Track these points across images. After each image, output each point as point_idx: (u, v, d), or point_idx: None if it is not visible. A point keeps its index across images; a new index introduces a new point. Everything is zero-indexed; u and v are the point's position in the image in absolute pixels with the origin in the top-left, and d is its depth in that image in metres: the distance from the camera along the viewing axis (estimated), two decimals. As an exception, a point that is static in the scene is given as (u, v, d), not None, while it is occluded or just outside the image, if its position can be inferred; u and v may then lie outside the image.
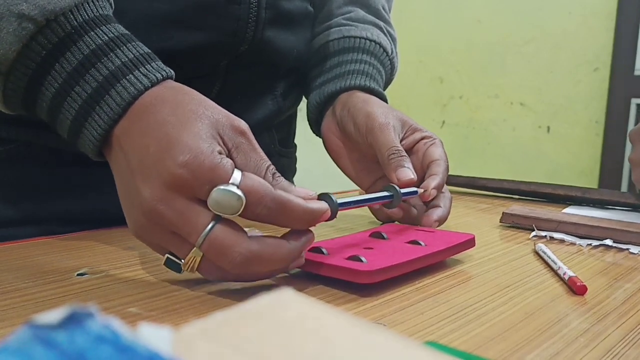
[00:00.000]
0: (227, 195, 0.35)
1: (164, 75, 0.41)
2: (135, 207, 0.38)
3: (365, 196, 0.49)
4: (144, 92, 0.40)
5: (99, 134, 0.40)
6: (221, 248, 0.36)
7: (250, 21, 0.58)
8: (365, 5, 0.73)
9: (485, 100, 2.30)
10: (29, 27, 0.39)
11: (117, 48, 0.41)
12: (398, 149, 0.57)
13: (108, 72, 0.40)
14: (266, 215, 0.37)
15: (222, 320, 0.18)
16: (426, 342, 0.26)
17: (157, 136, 0.37)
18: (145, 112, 0.39)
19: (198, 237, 0.36)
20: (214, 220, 0.36)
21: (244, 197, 0.35)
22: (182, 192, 0.36)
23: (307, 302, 0.19)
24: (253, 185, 0.36)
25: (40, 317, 0.15)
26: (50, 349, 0.14)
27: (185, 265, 0.38)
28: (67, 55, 0.40)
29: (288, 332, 0.17)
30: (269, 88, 0.68)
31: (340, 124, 0.63)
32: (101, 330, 0.15)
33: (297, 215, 0.38)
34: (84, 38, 0.41)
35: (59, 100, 0.41)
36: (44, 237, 0.52)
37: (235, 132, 0.39)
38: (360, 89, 0.65)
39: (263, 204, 0.36)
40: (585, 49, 2.09)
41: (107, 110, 0.40)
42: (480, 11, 2.27)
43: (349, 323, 0.18)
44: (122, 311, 0.36)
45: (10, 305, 0.36)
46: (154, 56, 0.42)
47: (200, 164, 0.36)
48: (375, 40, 0.69)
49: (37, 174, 0.57)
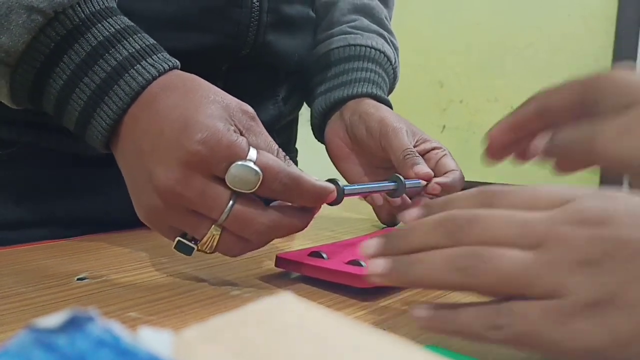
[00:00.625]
0: (245, 171, 0.37)
1: (170, 65, 0.42)
2: (147, 191, 0.39)
3: (371, 184, 0.49)
4: (152, 82, 0.41)
5: (107, 124, 0.41)
6: (244, 220, 0.38)
7: (251, 25, 0.58)
8: (370, 15, 0.74)
9: (485, 104, 2.30)
10: (38, 19, 0.40)
11: (124, 39, 0.42)
12: (412, 150, 0.58)
13: (116, 63, 0.41)
14: (280, 191, 0.39)
15: (222, 324, 0.18)
16: (427, 346, 0.26)
17: (171, 119, 0.38)
18: (155, 99, 0.40)
19: (221, 213, 0.37)
20: (233, 196, 0.38)
21: (261, 173, 0.37)
22: (199, 170, 0.37)
23: (307, 306, 0.19)
24: (268, 162, 0.38)
25: (40, 321, 0.15)
26: (51, 353, 0.14)
27: (204, 245, 0.39)
28: (75, 47, 0.41)
29: (288, 336, 0.17)
30: (270, 92, 0.68)
31: (349, 129, 0.64)
32: (101, 334, 0.15)
33: (308, 191, 0.40)
34: (91, 30, 0.41)
35: (67, 91, 0.42)
36: (44, 242, 0.52)
37: (245, 115, 0.40)
38: (369, 96, 0.66)
39: (279, 179, 0.38)
40: (585, 52, 2.09)
41: (116, 100, 0.41)
42: (480, 14, 2.27)
43: (349, 327, 0.18)
44: (122, 315, 0.36)
45: (10, 310, 0.36)
46: (159, 47, 0.43)
47: (218, 141, 0.37)
48: (380, 49, 0.70)
49: (38, 176, 0.57)
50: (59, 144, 0.56)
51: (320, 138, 0.70)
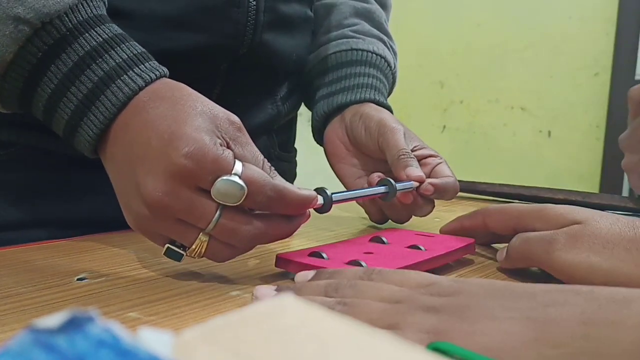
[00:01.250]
0: (230, 186, 0.37)
1: (158, 74, 0.42)
2: (135, 200, 0.39)
3: (360, 190, 0.49)
4: (138, 92, 0.41)
5: (94, 133, 0.41)
6: (232, 229, 0.39)
7: (249, 24, 0.59)
8: (370, 19, 0.74)
9: (486, 105, 2.31)
10: (24, 29, 0.40)
11: (111, 49, 0.42)
12: (407, 152, 0.59)
13: (103, 73, 0.41)
14: (265, 203, 0.39)
15: (222, 324, 0.18)
16: (430, 343, 0.26)
17: (158, 130, 0.38)
18: (143, 108, 0.40)
19: (208, 223, 0.38)
20: (219, 206, 0.38)
21: (245, 187, 0.38)
22: (186, 183, 0.38)
23: (307, 307, 0.19)
24: (253, 175, 0.38)
25: (40, 322, 0.15)
26: (51, 353, 0.14)
27: (193, 252, 0.40)
28: (63, 56, 0.41)
29: (288, 337, 0.17)
30: (268, 92, 0.68)
31: (349, 128, 0.64)
32: (101, 335, 0.15)
33: (292, 200, 0.40)
34: (78, 40, 0.42)
35: (55, 100, 0.42)
36: (43, 242, 0.52)
37: (232, 126, 0.41)
38: (371, 102, 0.66)
39: (263, 192, 0.38)
40: (585, 53, 2.09)
41: (103, 110, 0.41)
42: (480, 15, 2.27)
43: (350, 328, 0.18)
44: (122, 315, 0.36)
45: (10, 310, 0.36)
46: (148, 55, 0.43)
47: (204, 155, 0.37)
48: (381, 54, 0.70)
49: (36, 177, 0.57)
50: (57, 146, 0.56)
51: (319, 141, 0.70)
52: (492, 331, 0.27)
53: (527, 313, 0.27)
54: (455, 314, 0.29)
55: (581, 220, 0.42)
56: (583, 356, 0.24)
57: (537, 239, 0.44)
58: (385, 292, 0.32)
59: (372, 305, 0.31)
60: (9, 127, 0.56)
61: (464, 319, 0.28)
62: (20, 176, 0.57)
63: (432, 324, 0.28)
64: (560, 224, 0.43)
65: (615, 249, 0.40)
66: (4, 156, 0.56)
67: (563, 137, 2.16)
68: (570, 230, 0.42)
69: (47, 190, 0.57)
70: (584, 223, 0.42)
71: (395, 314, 0.30)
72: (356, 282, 0.34)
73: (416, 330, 0.28)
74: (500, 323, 0.27)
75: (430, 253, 0.46)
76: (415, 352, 0.17)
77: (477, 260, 0.51)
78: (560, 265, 0.41)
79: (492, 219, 0.50)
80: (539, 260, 0.43)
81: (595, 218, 0.42)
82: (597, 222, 0.42)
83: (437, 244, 0.49)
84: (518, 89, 2.23)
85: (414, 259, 0.44)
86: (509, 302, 0.28)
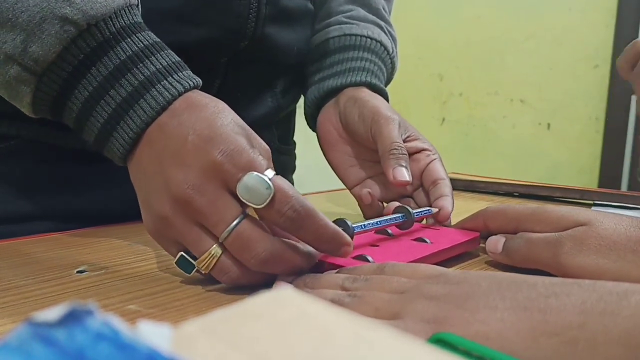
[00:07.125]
0: (257, 181, 0.37)
1: (194, 83, 0.43)
2: (159, 197, 0.39)
3: (379, 219, 0.49)
4: (177, 97, 0.41)
5: (130, 137, 0.41)
6: (247, 242, 0.37)
7: (250, 17, 0.58)
8: (366, 5, 0.73)
9: (485, 97, 2.30)
10: (70, 30, 0.40)
11: (152, 55, 0.42)
12: (400, 146, 0.58)
13: (143, 78, 0.41)
14: (290, 218, 0.37)
15: (222, 317, 0.18)
16: (435, 334, 0.26)
17: (196, 129, 0.39)
18: (180, 113, 0.40)
19: (225, 228, 0.37)
20: (242, 214, 0.37)
21: (273, 189, 0.37)
22: (216, 180, 0.37)
23: (307, 300, 0.19)
24: (283, 184, 0.38)
25: (39, 315, 0.15)
26: (50, 347, 0.14)
27: (201, 262, 0.38)
28: (104, 59, 0.41)
29: (288, 329, 0.17)
30: (268, 85, 0.68)
31: (342, 114, 0.64)
32: (101, 328, 0.15)
33: (320, 228, 0.38)
34: (121, 44, 0.42)
35: (92, 103, 0.42)
36: (43, 234, 0.52)
37: (264, 148, 0.41)
38: (364, 85, 0.65)
39: (290, 204, 0.37)
40: (585, 45, 2.09)
41: (141, 113, 0.41)
42: (480, 7, 2.27)
43: (350, 321, 0.18)
44: (121, 308, 0.36)
45: (9, 303, 0.36)
46: (184, 65, 0.44)
47: (240, 155, 0.37)
48: (376, 38, 0.69)
49: (37, 171, 0.57)
50: (58, 139, 0.56)
51: (312, 126, 0.70)
52: (491, 320, 0.27)
53: (527, 303, 0.27)
54: (456, 303, 0.29)
55: (584, 221, 0.42)
56: (577, 345, 0.25)
57: (542, 242, 0.43)
58: (395, 284, 0.33)
59: (378, 296, 0.32)
60: (10, 120, 0.56)
61: (464, 308, 0.28)
62: (20, 169, 0.57)
63: (432, 312, 0.29)
64: (563, 226, 0.43)
65: (623, 250, 0.39)
66: (5, 149, 0.56)
67: (562, 129, 2.16)
68: (576, 232, 0.42)
69: (48, 183, 0.57)
70: (588, 224, 0.42)
71: (398, 303, 0.31)
72: (371, 276, 0.35)
73: (417, 319, 0.29)
74: (500, 312, 0.27)
75: (436, 246, 0.46)
76: (413, 346, 0.17)
77: (481, 254, 0.51)
78: (567, 268, 0.41)
79: (493, 220, 0.50)
80: (545, 263, 0.43)
81: (598, 219, 0.42)
82: (601, 223, 0.41)
83: (442, 237, 0.49)
84: (517, 81, 2.23)
85: (420, 253, 0.44)
86: (510, 293, 0.28)
